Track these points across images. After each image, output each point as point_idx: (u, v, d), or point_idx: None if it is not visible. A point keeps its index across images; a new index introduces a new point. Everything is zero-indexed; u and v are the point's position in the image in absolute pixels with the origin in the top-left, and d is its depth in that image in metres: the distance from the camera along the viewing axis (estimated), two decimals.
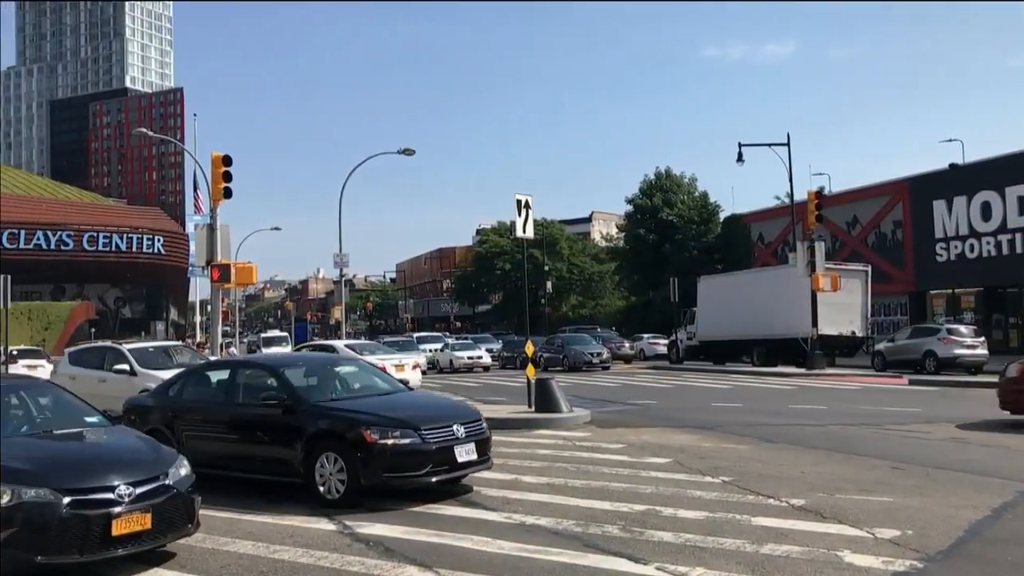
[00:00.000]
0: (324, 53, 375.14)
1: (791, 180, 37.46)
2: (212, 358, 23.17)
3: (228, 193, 22.95)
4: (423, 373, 38.29)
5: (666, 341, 44.95)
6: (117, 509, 6.64)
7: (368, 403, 10.19)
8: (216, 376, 11.72)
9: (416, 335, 53.94)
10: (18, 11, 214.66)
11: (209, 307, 39.12)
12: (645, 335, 49.91)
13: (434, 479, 9.28)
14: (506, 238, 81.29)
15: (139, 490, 6.83)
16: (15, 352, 39.67)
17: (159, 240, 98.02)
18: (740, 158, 37.88)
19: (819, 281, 30.14)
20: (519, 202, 17.59)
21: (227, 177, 22.91)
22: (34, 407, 8.35)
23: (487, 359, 41.87)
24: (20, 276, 37.35)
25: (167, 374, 14.57)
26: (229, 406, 10.67)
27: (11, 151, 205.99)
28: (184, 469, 7.43)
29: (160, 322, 62.39)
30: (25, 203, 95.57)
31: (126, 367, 17.46)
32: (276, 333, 69.24)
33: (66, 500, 6.48)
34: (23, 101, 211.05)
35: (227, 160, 22.89)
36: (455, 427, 9.59)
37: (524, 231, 17.73)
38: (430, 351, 43.43)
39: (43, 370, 36.64)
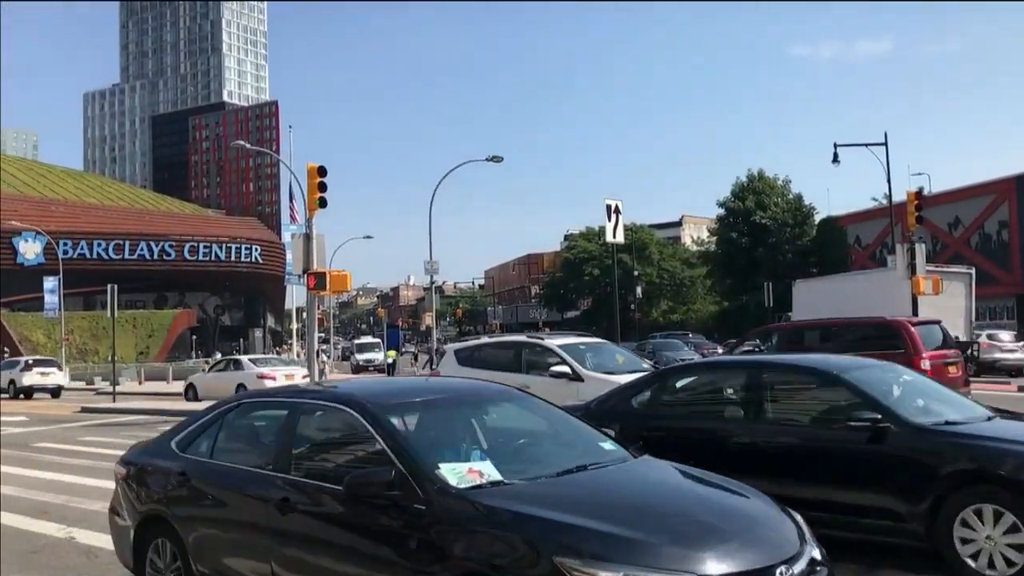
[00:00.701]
0: (413, 63, 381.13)
1: (889, 181, 36.61)
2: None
3: (323, 203, 23.45)
4: None
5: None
6: None
7: (995, 428, 6.86)
8: (712, 381, 8.72)
9: None
10: (121, 30, 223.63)
11: (305, 314, 39.94)
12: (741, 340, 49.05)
13: None
14: (595, 243, 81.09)
15: (795, 569, 4.26)
16: (30, 361, 42.44)
17: (256, 249, 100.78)
18: (836, 159, 37.07)
19: (920, 284, 29.19)
20: (609, 207, 17.54)
21: (322, 187, 23.42)
22: (492, 429, 5.66)
23: None
24: (125, 285, 38.89)
25: (621, 378, 11.43)
26: (756, 425, 7.39)
27: (116, 165, 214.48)
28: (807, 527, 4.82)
29: (258, 329, 64.04)
30: (131, 215, 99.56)
31: (565, 369, 13.39)
32: (369, 339, 70.39)
33: None
34: (127, 117, 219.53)
35: (322, 171, 23.40)
36: None
37: (614, 236, 17.67)
38: None
39: (55, 377, 40.34)
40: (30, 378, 39.10)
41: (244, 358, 31.31)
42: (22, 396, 37.42)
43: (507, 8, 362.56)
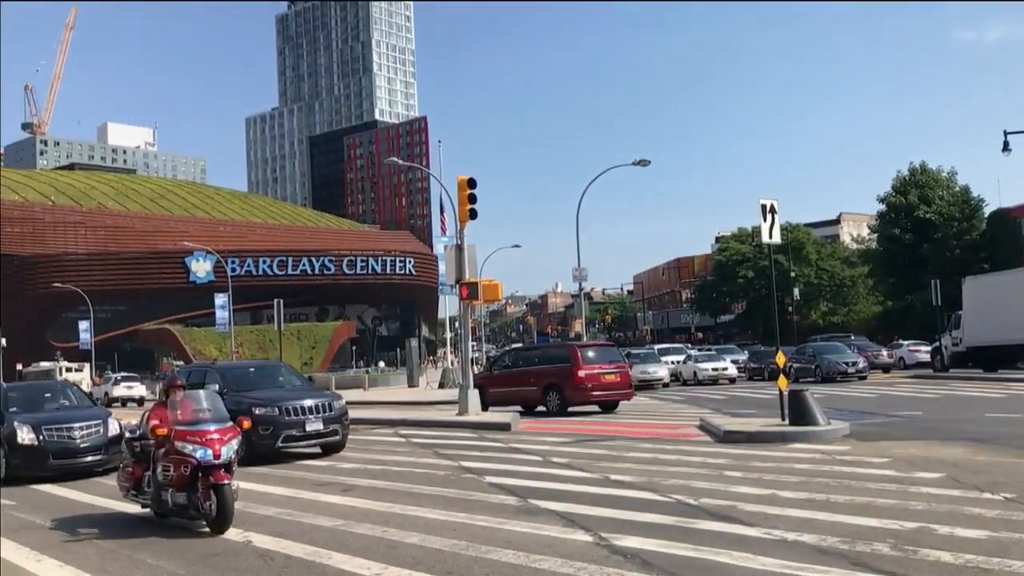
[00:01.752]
0: (556, 70, 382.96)
1: None
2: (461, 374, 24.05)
3: (473, 214, 23.87)
4: (665, 386, 38.17)
5: (928, 348, 41.95)
6: None
7: None
8: None
9: (657, 347, 53.56)
10: (278, 56, 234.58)
11: (457, 324, 40.63)
12: (904, 342, 46.79)
13: None
14: (747, 245, 79.41)
15: None
16: (119, 377, 52.23)
17: (410, 261, 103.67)
18: (1006, 147, 34.91)
19: None
20: (764, 207, 17.06)
21: (472, 199, 23.84)
22: None
23: (732, 371, 40.77)
24: (289, 299, 40.72)
25: None
26: None
27: (277, 185, 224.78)
28: None
29: (414, 339, 65.58)
30: (292, 232, 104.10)
31: None
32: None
33: None
34: (286, 139, 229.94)
35: (472, 183, 23.82)
36: None
37: (770, 236, 17.13)
38: (672, 363, 42.93)
39: (137, 389, 49.07)
40: (119, 391, 48.91)
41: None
42: (117, 404, 45.49)
43: (648, 9, 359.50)
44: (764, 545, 7.72)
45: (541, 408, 24.61)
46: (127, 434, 9.87)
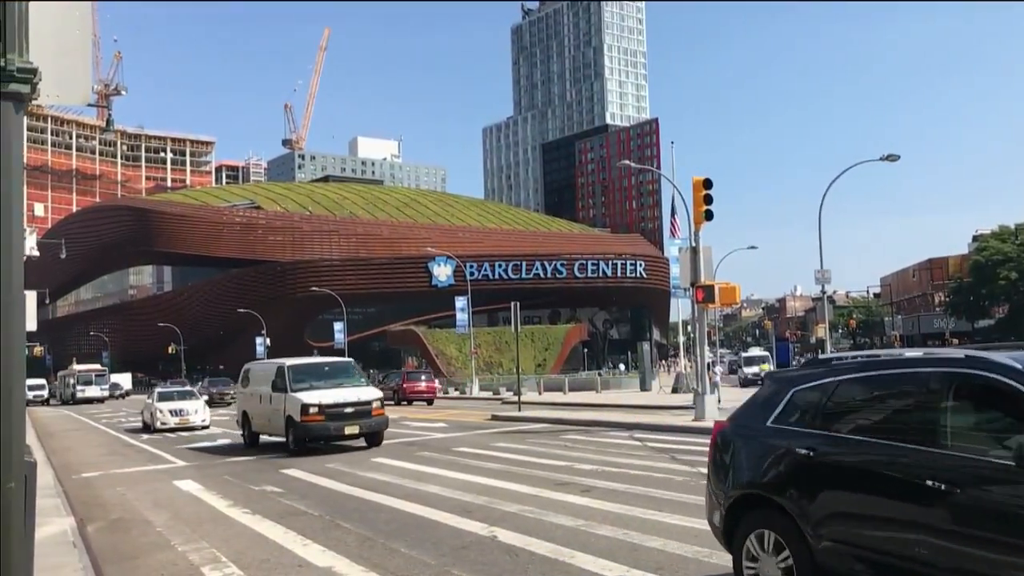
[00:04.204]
0: (792, 65, 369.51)
1: None
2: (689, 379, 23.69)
3: (709, 215, 23.45)
4: None
5: None
6: None
7: None
8: None
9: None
10: (513, 66, 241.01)
11: (690, 327, 39.97)
12: None
13: None
14: (1010, 243, 73.50)
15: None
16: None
17: (641, 264, 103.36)
18: None
19: None
20: None
21: (708, 200, 23.44)
22: None
23: None
24: (523, 302, 41.52)
25: None
26: None
27: (511, 192, 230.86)
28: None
29: (645, 342, 65.28)
30: (526, 237, 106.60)
31: None
32: (757, 352, 68.95)
33: None
34: (520, 146, 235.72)
35: (708, 183, 23.42)
36: None
37: None
38: None
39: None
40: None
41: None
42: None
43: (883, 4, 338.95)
44: None
45: None
46: None
